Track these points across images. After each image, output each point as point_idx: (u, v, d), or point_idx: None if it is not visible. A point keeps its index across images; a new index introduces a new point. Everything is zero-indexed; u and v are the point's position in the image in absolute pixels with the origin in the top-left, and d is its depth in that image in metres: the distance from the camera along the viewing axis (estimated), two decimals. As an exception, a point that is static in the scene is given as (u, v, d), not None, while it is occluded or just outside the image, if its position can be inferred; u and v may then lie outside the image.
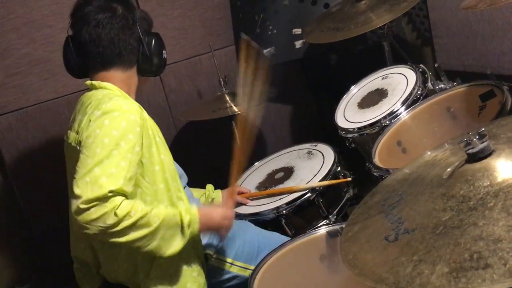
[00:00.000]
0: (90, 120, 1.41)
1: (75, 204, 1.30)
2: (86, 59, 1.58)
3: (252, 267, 1.67)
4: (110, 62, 1.56)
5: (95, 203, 1.29)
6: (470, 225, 0.81)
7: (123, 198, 1.34)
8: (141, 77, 1.64)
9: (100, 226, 1.30)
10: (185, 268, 1.52)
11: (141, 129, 1.44)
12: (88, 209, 1.29)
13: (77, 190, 1.31)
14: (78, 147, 1.42)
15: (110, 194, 1.31)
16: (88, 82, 1.57)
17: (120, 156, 1.36)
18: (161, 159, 1.51)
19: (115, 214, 1.30)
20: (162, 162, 1.51)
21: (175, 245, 1.42)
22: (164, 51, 1.64)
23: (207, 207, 1.57)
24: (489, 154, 0.90)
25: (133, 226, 1.33)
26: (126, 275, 1.51)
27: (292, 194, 1.83)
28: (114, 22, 1.53)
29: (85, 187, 1.31)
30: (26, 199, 2.31)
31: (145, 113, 1.53)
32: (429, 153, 1.15)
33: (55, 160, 2.02)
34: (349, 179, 1.89)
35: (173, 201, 1.52)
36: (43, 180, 2.31)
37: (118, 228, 1.31)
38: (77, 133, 1.47)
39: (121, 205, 1.31)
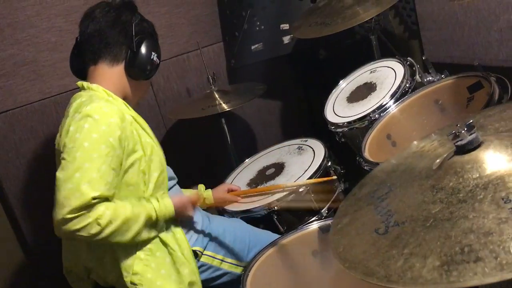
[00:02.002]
0: (70, 125, 1.42)
1: (59, 213, 1.33)
2: (81, 55, 1.61)
3: (243, 264, 1.68)
4: (97, 53, 1.57)
5: (79, 213, 1.33)
6: (460, 218, 0.81)
7: (106, 204, 1.37)
8: (132, 81, 1.62)
9: (83, 235, 1.35)
10: (166, 260, 1.54)
11: (122, 132, 1.45)
12: (72, 219, 1.32)
13: (60, 198, 1.34)
14: (59, 151, 1.43)
15: (93, 201, 1.34)
16: (79, 83, 1.59)
17: (101, 160, 1.38)
18: (148, 159, 1.53)
19: (98, 224, 1.35)
20: (149, 162, 1.53)
21: (150, 235, 1.51)
22: (154, 53, 1.62)
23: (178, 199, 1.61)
24: (478, 146, 0.90)
25: (115, 232, 1.39)
26: (116, 276, 1.52)
27: (283, 190, 1.83)
28: (107, 16, 1.57)
29: (67, 193, 1.33)
30: (16, 201, 2.29)
31: (132, 112, 1.55)
32: (415, 143, 1.15)
33: (44, 162, 2.01)
34: (335, 177, 1.88)
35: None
36: (32, 182, 2.28)
37: (102, 236, 1.37)
38: (60, 135, 1.48)
39: (104, 215, 1.36)
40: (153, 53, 1.61)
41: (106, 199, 1.38)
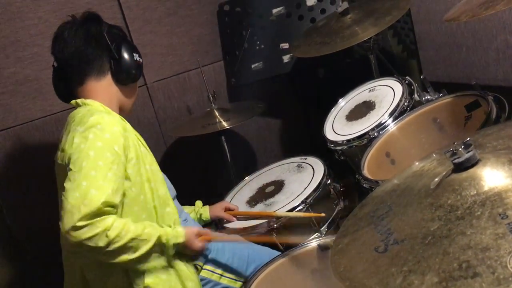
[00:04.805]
0: (74, 137, 1.43)
1: (68, 221, 1.31)
2: (65, 79, 1.61)
3: (242, 279, 1.69)
4: (81, 73, 1.58)
5: (89, 221, 1.31)
6: (458, 234, 0.81)
7: (114, 217, 1.36)
8: (122, 87, 1.64)
9: (90, 246, 1.32)
10: (172, 273, 1.53)
11: (125, 140, 1.47)
12: (81, 227, 1.31)
13: (68, 206, 1.32)
14: (64, 165, 1.43)
15: (102, 208, 1.33)
16: (73, 101, 1.60)
17: (106, 168, 1.38)
18: (146, 169, 1.54)
19: (106, 236, 1.33)
20: (147, 172, 1.54)
21: (158, 262, 1.48)
22: (135, 54, 1.64)
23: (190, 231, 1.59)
24: (475, 163, 0.91)
25: (123, 248, 1.37)
26: None
27: (283, 208, 1.83)
28: (77, 35, 1.57)
29: (75, 202, 1.32)
30: (16, 220, 2.29)
31: (128, 125, 1.56)
32: (417, 163, 1.16)
33: (45, 179, 2.01)
34: (323, 214, 1.80)
35: (160, 212, 1.54)
36: (33, 200, 2.28)
37: (109, 249, 1.35)
38: (63, 151, 1.48)
39: (113, 226, 1.34)
40: (134, 54, 1.63)
41: (112, 206, 1.37)
